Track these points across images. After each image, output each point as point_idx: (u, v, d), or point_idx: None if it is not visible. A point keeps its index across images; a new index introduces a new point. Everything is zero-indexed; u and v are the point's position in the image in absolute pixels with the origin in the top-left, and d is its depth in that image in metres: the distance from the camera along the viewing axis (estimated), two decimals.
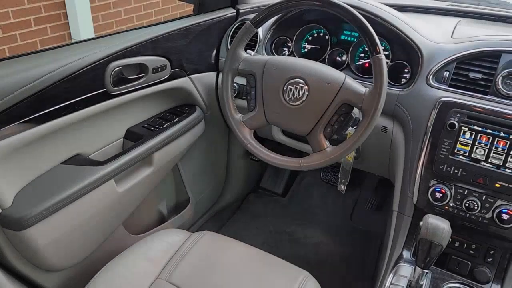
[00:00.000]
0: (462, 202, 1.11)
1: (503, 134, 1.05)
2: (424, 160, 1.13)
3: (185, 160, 1.65)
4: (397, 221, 1.26)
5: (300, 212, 2.10)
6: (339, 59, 1.40)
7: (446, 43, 1.20)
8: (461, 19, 1.39)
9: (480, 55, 1.12)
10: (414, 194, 1.17)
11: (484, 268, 1.13)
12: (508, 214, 1.05)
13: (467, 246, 1.17)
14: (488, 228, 1.10)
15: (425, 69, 1.18)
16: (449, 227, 0.96)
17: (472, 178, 1.08)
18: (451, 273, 1.15)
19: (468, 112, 1.08)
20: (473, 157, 1.08)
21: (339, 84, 1.03)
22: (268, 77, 1.11)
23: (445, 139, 1.10)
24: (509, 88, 1.08)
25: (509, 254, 1.12)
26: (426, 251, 0.96)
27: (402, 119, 1.21)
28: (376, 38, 0.99)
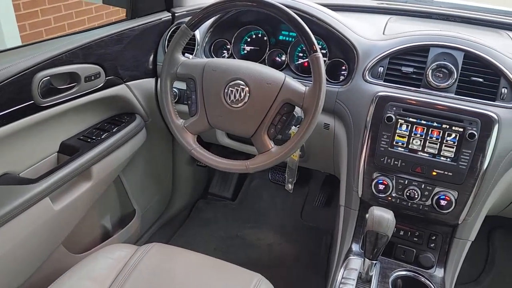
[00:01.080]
0: (403, 192, 1.15)
1: (436, 124, 1.10)
2: (365, 154, 1.16)
3: (128, 171, 1.59)
4: (344, 216, 1.28)
5: (251, 215, 2.10)
6: (278, 59, 1.41)
7: (378, 40, 1.25)
8: (391, 17, 1.45)
9: (410, 50, 1.17)
10: (358, 188, 1.20)
11: (428, 253, 1.18)
12: (445, 200, 1.10)
13: (411, 234, 1.21)
14: (428, 215, 1.15)
15: (361, 66, 1.21)
16: (393, 217, 0.99)
17: (411, 168, 1.13)
18: (398, 261, 1.19)
19: (403, 105, 1.12)
20: (411, 147, 1.12)
21: (280, 84, 1.03)
22: (208, 80, 1.09)
23: (384, 132, 1.14)
24: (439, 80, 1.14)
25: (449, 238, 1.18)
26: (373, 243, 0.98)
27: (342, 115, 1.24)
28: (312, 37, 1.00)
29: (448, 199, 1.10)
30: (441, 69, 1.14)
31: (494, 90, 1.10)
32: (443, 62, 1.13)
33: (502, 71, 1.10)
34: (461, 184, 1.09)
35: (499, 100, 1.09)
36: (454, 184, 1.10)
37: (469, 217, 1.12)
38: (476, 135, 1.06)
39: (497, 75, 1.11)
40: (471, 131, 1.06)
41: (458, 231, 1.16)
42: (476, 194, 1.09)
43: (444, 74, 1.14)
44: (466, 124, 1.07)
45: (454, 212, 1.11)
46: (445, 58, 1.14)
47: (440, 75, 1.14)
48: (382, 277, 1.11)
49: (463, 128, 1.07)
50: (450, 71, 1.13)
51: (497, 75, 1.10)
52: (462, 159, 1.08)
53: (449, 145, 1.09)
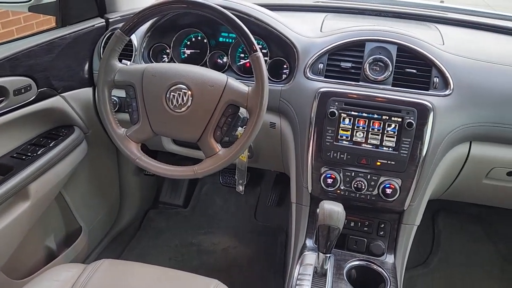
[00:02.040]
0: (351, 184, 1.17)
1: (377, 116, 1.13)
2: (312, 150, 1.18)
3: (70, 186, 1.50)
4: (296, 212, 1.29)
5: (204, 220, 2.07)
6: (220, 61, 1.39)
7: (317, 37, 1.27)
8: (327, 14, 1.48)
9: (347, 45, 1.21)
10: (308, 184, 1.21)
11: (378, 241, 1.21)
12: (390, 188, 1.14)
13: (361, 224, 1.24)
14: (376, 204, 1.18)
15: (301, 63, 1.23)
16: (343, 210, 1.01)
17: (357, 160, 1.16)
18: (351, 252, 1.21)
19: (345, 99, 1.15)
20: (355, 140, 1.15)
21: (222, 85, 1.02)
22: (148, 86, 1.06)
23: (328, 127, 1.16)
24: (376, 73, 1.18)
25: (397, 225, 1.23)
26: (326, 236, 1.00)
27: (287, 113, 1.25)
28: (252, 37, 1.00)
29: (393, 187, 1.14)
30: (377, 63, 1.18)
31: (427, 80, 1.16)
32: (379, 56, 1.18)
33: (433, 61, 1.15)
34: (403, 171, 1.14)
35: (432, 89, 1.15)
36: (397, 172, 1.14)
37: (413, 202, 1.17)
38: (413, 124, 1.10)
39: (428, 65, 1.16)
40: (409, 120, 1.10)
41: (404, 217, 1.21)
42: (418, 180, 1.14)
43: (380, 67, 1.18)
44: (404, 114, 1.12)
45: (399, 199, 1.15)
46: (380, 52, 1.18)
47: (377, 69, 1.18)
48: (336, 269, 1.13)
49: (401, 118, 1.11)
50: (386, 64, 1.17)
51: (429, 66, 1.16)
52: (402, 147, 1.12)
53: (390, 135, 1.13)
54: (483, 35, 1.41)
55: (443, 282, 1.78)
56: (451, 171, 1.24)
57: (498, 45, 1.34)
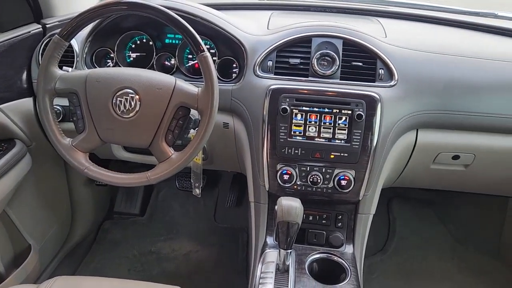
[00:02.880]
0: (307, 178, 1.19)
1: (327, 110, 1.15)
2: (267, 147, 1.18)
3: (15, 203, 1.41)
4: (255, 211, 1.29)
5: (163, 227, 2.02)
6: (167, 63, 1.36)
7: (264, 35, 1.27)
8: (273, 12, 1.49)
9: (295, 41, 1.21)
10: (265, 182, 1.21)
11: (337, 233, 1.23)
12: (345, 180, 1.17)
13: (320, 217, 1.26)
14: (332, 196, 1.20)
15: (250, 62, 1.22)
16: (300, 205, 1.02)
17: (311, 155, 1.17)
18: (312, 246, 1.23)
19: (296, 95, 1.16)
20: (308, 135, 1.17)
21: (171, 88, 1.00)
22: (93, 92, 1.01)
23: (281, 124, 1.16)
24: (324, 68, 1.20)
25: (354, 215, 1.25)
26: (285, 232, 1.00)
27: (240, 112, 1.24)
28: (198, 37, 0.98)
29: (347, 178, 1.17)
30: (324, 58, 1.20)
31: (373, 72, 1.19)
32: (326, 51, 1.19)
33: (377, 54, 1.19)
34: (356, 163, 1.16)
35: (378, 81, 1.18)
36: (351, 163, 1.17)
37: (368, 192, 1.20)
38: (363, 116, 1.13)
39: (373, 58, 1.19)
40: (359, 112, 1.13)
41: (360, 207, 1.24)
42: (371, 170, 1.17)
43: (328, 62, 1.20)
44: (353, 106, 1.14)
45: (354, 189, 1.18)
46: (327, 47, 1.20)
47: (325, 63, 1.20)
48: (298, 264, 1.14)
49: (351, 111, 1.14)
50: (333, 59, 1.19)
51: (374, 58, 1.19)
52: (354, 139, 1.15)
53: (341, 128, 1.15)
54: (424, 26, 1.47)
55: (400, 266, 1.84)
56: (401, 159, 1.28)
57: (438, 36, 1.40)
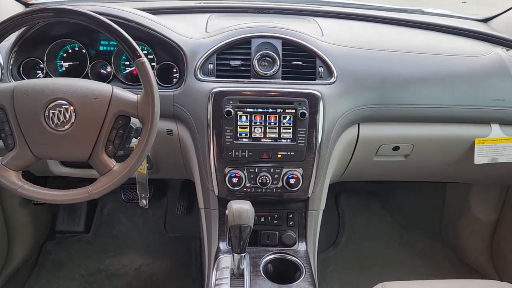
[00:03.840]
0: (256, 180, 1.18)
1: (272, 110, 1.16)
2: (213, 151, 1.16)
3: None
4: (206, 217, 1.26)
5: (111, 242, 1.93)
6: (103, 71, 1.30)
7: (203, 37, 1.25)
8: (210, 15, 1.47)
9: (234, 43, 1.21)
10: (214, 186, 1.19)
11: (289, 232, 1.24)
12: (294, 178, 1.18)
13: (271, 218, 1.26)
14: (282, 195, 1.21)
15: (190, 66, 1.20)
16: (251, 207, 1.01)
17: (258, 156, 1.17)
18: (265, 247, 1.23)
19: (239, 97, 1.15)
20: (254, 136, 1.16)
21: (108, 96, 0.95)
22: (22, 106, 0.95)
23: (226, 127, 1.15)
24: (265, 68, 1.20)
25: (304, 213, 1.27)
26: (238, 236, 0.99)
27: (183, 118, 1.22)
28: (133, 43, 0.95)
29: (295, 176, 1.18)
30: (265, 58, 1.20)
31: (313, 71, 1.21)
32: (266, 51, 1.20)
33: (316, 52, 1.21)
34: (303, 160, 1.18)
35: (319, 79, 1.20)
36: (298, 162, 1.18)
37: (316, 189, 1.22)
38: (306, 114, 1.14)
39: (312, 56, 1.22)
40: (302, 111, 1.14)
41: (310, 204, 1.25)
42: (317, 166, 1.19)
43: (269, 63, 1.20)
44: (296, 105, 1.15)
45: (303, 187, 1.19)
46: (267, 48, 1.21)
47: (266, 64, 1.21)
48: (253, 267, 1.13)
49: (294, 109, 1.15)
50: (273, 59, 1.20)
51: (313, 57, 1.22)
52: (299, 137, 1.16)
53: (286, 127, 1.16)
54: (358, 24, 1.52)
55: (352, 258, 1.90)
56: (345, 153, 1.32)
57: (372, 33, 1.45)
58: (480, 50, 1.36)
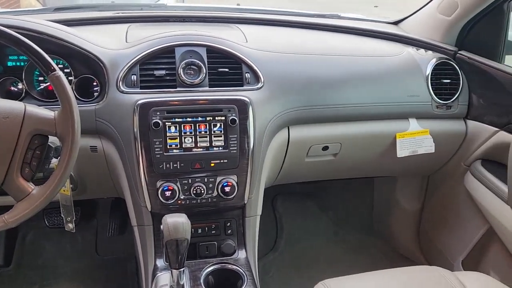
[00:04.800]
0: (190, 191, 1.15)
1: (201, 119, 1.14)
2: (143, 165, 1.12)
3: None
4: (140, 235, 1.21)
5: (36, 273, 1.77)
6: (14, 88, 1.20)
7: (123, 48, 1.21)
8: (130, 25, 1.42)
9: (157, 53, 1.17)
10: (146, 202, 1.15)
11: (228, 241, 1.22)
12: (229, 186, 1.16)
13: (208, 228, 1.23)
14: (218, 204, 1.19)
15: (112, 78, 1.15)
16: (187, 219, 0.98)
17: (191, 166, 1.14)
18: (205, 259, 1.20)
19: (166, 108, 1.12)
20: (185, 147, 1.13)
21: (20, 115, 0.88)
22: None
23: (155, 139, 1.11)
24: (191, 77, 1.18)
25: (241, 220, 1.26)
26: (175, 251, 0.95)
27: (108, 133, 1.15)
28: (46, 56, 0.88)
29: (230, 184, 1.16)
30: (190, 67, 1.18)
31: (240, 77, 1.21)
32: (190, 60, 1.18)
33: (241, 58, 1.21)
34: (237, 167, 1.17)
35: (246, 85, 1.21)
36: (232, 169, 1.17)
37: (252, 194, 1.22)
38: (237, 120, 1.14)
39: (238, 63, 1.22)
40: (232, 117, 1.14)
41: (247, 211, 1.24)
42: (251, 172, 1.19)
43: (194, 71, 1.19)
44: (226, 112, 1.14)
45: (239, 194, 1.18)
46: (191, 56, 1.19)
47: (192, 72, 1.18)
48: (193, 281, 1.10)
49: (224, 116, 1.14)
50: (199, 67, 1.18)
51: (239, 63, 1.22)
52: (231, 144, 1.15)
53: (217, 135, 1.15)
54: (281, 30, 1.55)
55: (292, 260, 1.92)
56: (278, 157, 1.33)
57: (294, 38, 1.49)
58: (394, 51, 1.45)
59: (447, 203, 1.64)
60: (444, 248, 1.66)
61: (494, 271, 1.41)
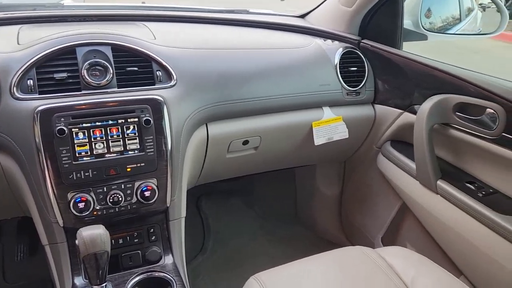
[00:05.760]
0: (106, 200, 1.07)
1: (112, 122, 1.06)
2: (50, 177, 1.01)
3: None
4: (53, 254, 1.10)
5: None
6: None
7: (14, 51, 1.09)
8: (22, 26, 1.29)
9: (56, 54, 1.08)
10: (57, 217, 1.05)
11: (153, 248, 1.16)
12: (149, 190, 1.10)
13: (130, 237, 1.16)
14: (139, 211, 1.12)
15: (4, 84, 1.03)
16: (105, 230, 0.92)
17: (105, 173, 1.06)
18: (129, 270, 1.12)
19: (72, 113, 1.03)
20: (96, 153, 1.05)
21: None
22: None
23: (61, 148, 1.01)
24: (97, 78, 1.10)
25: (165, 224, 1.20)
26: (95, 266, 0.88)
27: (5, 146, 1.03)
28: None
29: (150, 188, 1.11)
30: (95, 67, 1.10)
31: (151, 75, 1.16)
32: (95, 60, 1.10)
33: (150, 56, 1.16)
34: (155, 170, 1.11)
35: (158, 83, 1.15)
36: (150, 172, 1.11)
37: (174, 196, 1.17)
38: (151, 120, 1.09)
39: (148, 61, 1.16)
40: (146, 118, 1.08)
41: (170, 214, 1.19)
42: (172, 174, 1.14)
43: (100, 72, 1.11)
44: (139, 113, 1.08)
45: (160, 197, 1.13)
46: (95, 56, 1.11)
47: (97, 73, 1.10)
48: None
49: (137, 118, 1.08)
50: (105, 67, 1.10)
51: (148, 61, 1.16)
52: (147, 146, 1.09)
53: (132, 137, 1.08)
54: (190, 26, 1.52)
55: (222, 259, 1.90)
56: (198, 155, 1.30)
57: (205, 34, 1.46)
58: (303, 42, 1.49)
59: (364, 185, 1.73)
60: (364, 228, 1.76)
61: (410, 244, 1.51)
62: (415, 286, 1.01)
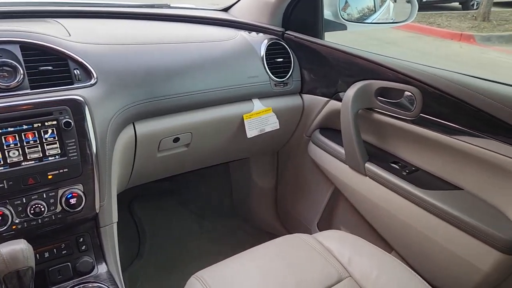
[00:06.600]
0: (27, 212, 0.98)
1: (27, 126, 0.97)
2: None
3: None
4: None
5: None
6: None
7: None
8: None
9: None
10: None
11: (84, 258, 1.08)
12: (75, 197, 1.03)
13: (58, 249, 1.08)
14: (66, 220, 1.04)
15: None
16: (27, 244, 0.84)
17: (23, 183, 0.97)
18: (58, 285, 1.04)
19: None
20: (10, 162, 0.96)
21: None
22: None
23: None
24: (6, 80, 1.00)
25: (96, 231, 1.13)
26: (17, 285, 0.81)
27: None
28: None
29: (76, 195, 1.03)
30: (3, 68, 1.00)
31: (68, 74, 1.08)
32: (2, 60, 1.00)
33: (65, 53, 1.08)
34: (81, 175, 1.04)
35: (77, 82, 1.08)
36: (75, 178, 1.03)
37: (103, 202, 1.10)
38: (72, 123, 1.01)
39: (63, 59, 1.08)
40: (65, 120, 1.00)
41: (100, 220, 1.12)
42: (99, 178, 1.07)
43: (9, 73, 1.01)
44: (57, 115, 1.00)
45: (88, 204, 1.05)
46: (2, 56, 1.01)
47: (5, 74, 1.00)
48: None
49: (56, 120, 1.00)
50: (14, 67, 1.01)
51: (64, 59, 1.08)
52: (70, 151, 1.02)
53: (51, 142, 1.00)
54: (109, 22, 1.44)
55: (160, 263, 1.84)
56: (127, 156, 1.24)
57: (126, 29, 1.39)
58: (228, 35, 1.48)
59: (297, 174, 1.77)
60: (300, 216, 1.80)
61: (344, 226, 1.57)
62: (352, 265, 1.06)
